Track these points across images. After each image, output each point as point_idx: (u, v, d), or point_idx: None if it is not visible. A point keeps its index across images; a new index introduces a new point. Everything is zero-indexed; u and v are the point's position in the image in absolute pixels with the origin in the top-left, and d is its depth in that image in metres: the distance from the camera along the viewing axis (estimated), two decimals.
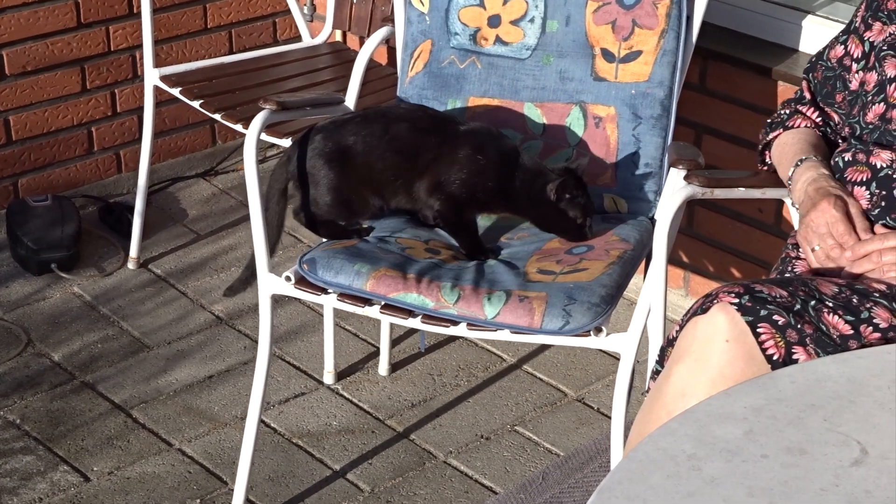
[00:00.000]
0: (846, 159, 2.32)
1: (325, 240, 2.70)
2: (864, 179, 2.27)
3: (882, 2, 2.36)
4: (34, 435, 2.98)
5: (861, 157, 2.29)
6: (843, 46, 2.44)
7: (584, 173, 2.65)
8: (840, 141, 2.45)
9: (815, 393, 1.71)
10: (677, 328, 2.07)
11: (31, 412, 3.05)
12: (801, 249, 2.32)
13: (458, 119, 2.71)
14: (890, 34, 2.34)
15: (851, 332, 1.99)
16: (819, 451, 1.61)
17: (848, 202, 2.24)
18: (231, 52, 3.97)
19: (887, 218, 2.23)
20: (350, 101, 3.01)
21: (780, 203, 3.07)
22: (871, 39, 2.37)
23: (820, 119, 2.49)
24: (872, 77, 2.33)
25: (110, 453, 2.94)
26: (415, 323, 2.51)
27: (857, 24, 2.42)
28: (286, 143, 3.16)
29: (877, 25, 2.37)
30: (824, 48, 2.49)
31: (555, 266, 2.57)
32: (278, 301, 3.36)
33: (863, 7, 2.42)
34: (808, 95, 2.51)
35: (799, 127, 2.49)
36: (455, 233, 2.66)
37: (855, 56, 2.40)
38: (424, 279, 2.50)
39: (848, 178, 2.30)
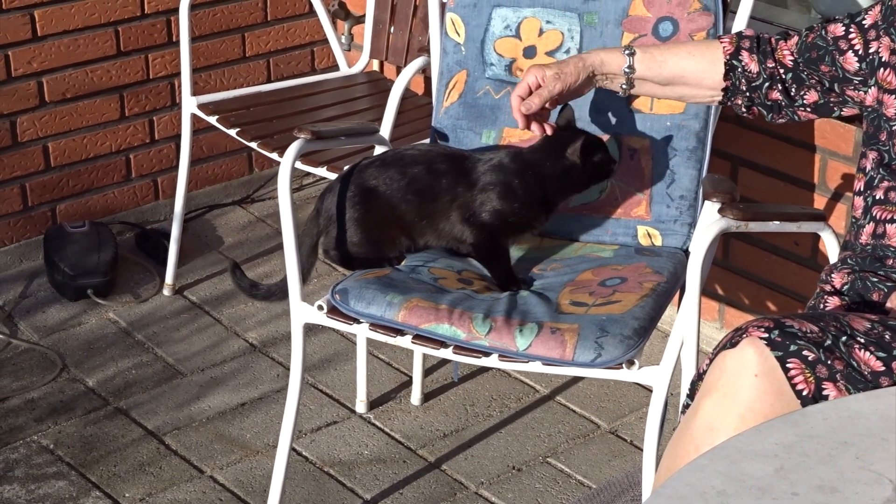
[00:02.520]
0: (877, 197, 2.30)
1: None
2: None
3: None
4: (67, 460, 2.99)
5: (893, 196, 2.28)
6: (843, 27, 2.41)
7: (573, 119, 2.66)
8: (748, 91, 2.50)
9: (848, 430, 1.69)
10: (707, 362, 2.06)
11: (64, 437, 3.06)
12: (833, 284, 2.30)
13: (467, 153, 2.70)
14: None
15: (883, 368, 1.97)
16: (851, 490, 1.59)
17: (555, 83, 2.50)
18: (269, 81, 4.00)
19: None
20: (385, 130, 3.02)
21: (817, 237, 3.05)
22: (879, 54, 2.35)
23: (772, 62, 2.49)
24: (893, 101, 2.31)
25: (142, 479, 2.94)
26: (446, 353, 2.50)
27: (865, 22, 2.39)
28: (321, 171, 3.17)
29: (885, 40, 2.34)
30: (824, 21, 2.47)
31: (587, 298, 2.57)
32: (312, 329, 3.37)
33: (878, 10, 2.38)
34: (792, 41, 2.50)
35: (731, 44, 2.52)
36: (488, 264, 2.66)
37: (855, 48, 2.38)
38: (456, 310, 2.50)
39: (878, 217, 2.29)
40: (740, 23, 2.74)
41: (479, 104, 2.85)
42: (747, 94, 2.52)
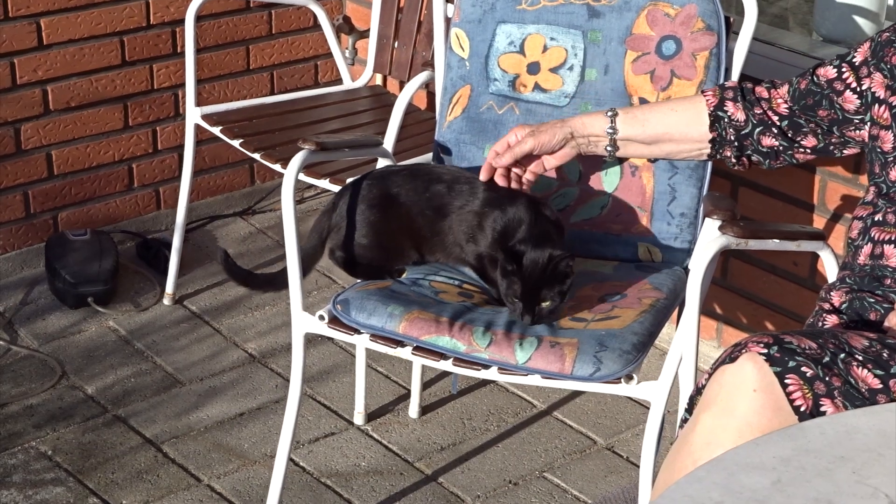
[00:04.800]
0: (876, 219, 2.32)
1: (359, 280, 2.71)
2: (894, 239, 2.28)
3: (886, 53, 2.36)
4: (65, 467, 3.00)
5: (891, 218, 2.30)
6: (835, 70, 2.43)
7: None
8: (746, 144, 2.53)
9: (845, 445, 1.70)
10: (706, 377, 2.08)
11: (63, 444, 3.07)
12: (832, 303, 2.32)
13: (495, 188, 2.68)
14: None
15: (880, 386, 1.99)
16: None
17: (526, 140, 2.56)
18: (272, 93, 4.01)
19: None
20: (388, 143, 3.04)
21: (815, 256, 3.06)
22: (873, 90, 2.37)
23: (760, 110, 2.50)
24: (889, 136, 2.33)
25: (140, 487, 2.95)
26: (446, 365, 2.52)
27: (856, 60, 2.41)
28: (324, 183, 3.18)
29: (878, 76, 2.36)
30: (813, 66, 2.49)
31: (587, 314, 2.58)
32: (311, 341, 3.38)
33: (867, 47, 2.40)
34: (783, 89, 2.51)
35: (715, 99, 2.54)
36: (489, 281, 2.67)
37: (851, 85, 2.40)
38: (457, 323, 2.51)
39: (876, 238, 2.31)
40: (743, 43, 2.76)
41: (483, 119, 2.86)
42: (736, 143, 2.53)
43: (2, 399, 3.21)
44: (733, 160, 2.57)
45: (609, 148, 2.60)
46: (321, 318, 2.61)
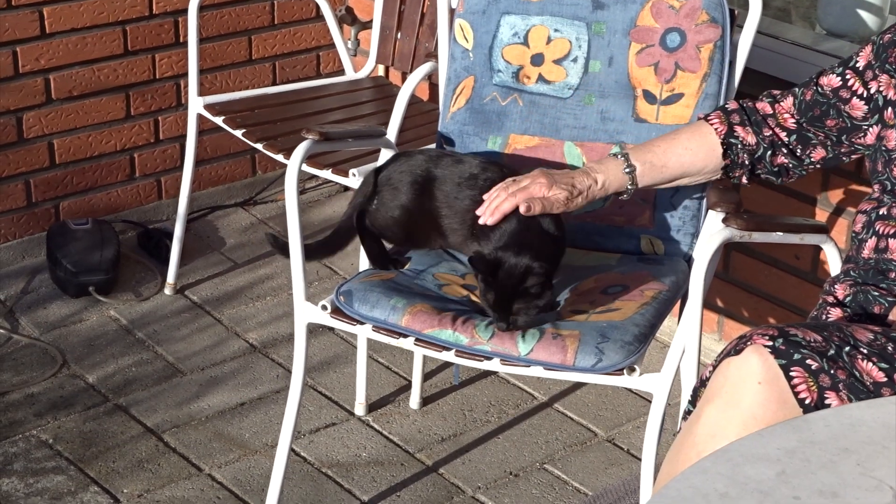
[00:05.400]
0: (880, 213, 2.32)
1: (361, 270, 2.71)
2: None
3: (890, 54, 2.35)
4: (66, 455, 3.00)
5: (895, 211, 2.30)
6: (839, 78, 2.42)
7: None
8: (751, 159, 2.50)
9: (849, 437, 1.71)
10: (710, 369, 2.08)
11: (63, 433, 3.07)
12: (835, 295, 2.32)
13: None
14: None
15: (885, 379, 1.99)
16: (852, 496, 1.60)
17: (549, 190, 2.45)
18: (274, 84, 4.01)
19: None
20: (391, 135, 3.03)
21: (817, 250, 3.07)
22: (882, 91, 2.36)
23: (769, 130, 2.48)
24: (893, 135, 2.33)
25: (140, 476, 2.95)
26: (448, 356, 2.52)
27: (859, 65, 2.40)
28: (326, 174, 3.18)
29: (884, 78, 2.36)
30: (816, 75, 2.48)
31: (588, 306, 2.58)
32: (312, 331, 3.38)
33: (869, 50, 2.40)
34: (787, 102, 2.49)
35: (723, 125, 2.50)
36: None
37: (857, 91, 2.39)
38: (460, 317, 2.51)
39: (881, 232, 2.31)
40: (747, 36, 2.75)
41: (486, 110, 2.86)
42: (749, 165, 2.52)
43: (3, 387, 3.21)
44: (744, 180, 2.55)
45: (625, 197, 2.56)
46: (324, 308, 2.61)
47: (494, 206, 2.47)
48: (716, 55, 2.74)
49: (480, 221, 2.50)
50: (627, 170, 2.51)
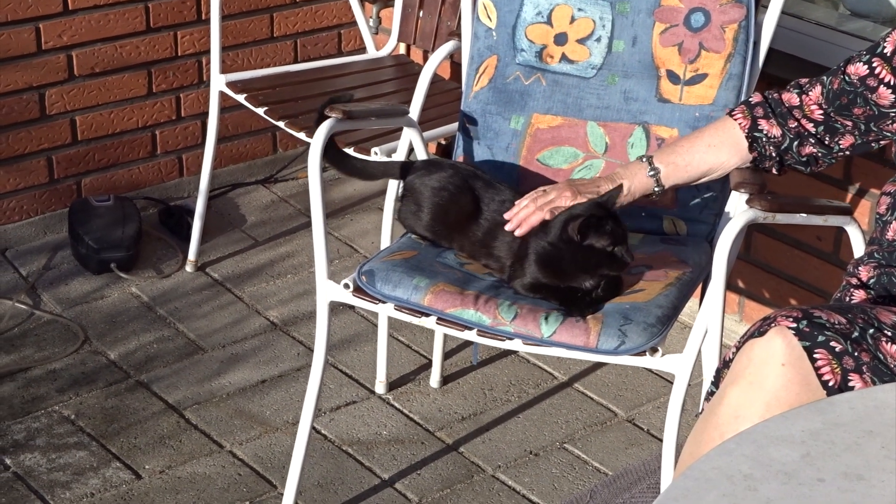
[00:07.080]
0: None
1: (382, 250, 2.72)
2: None
3: None
4: (88, 431, 3.02)
5: None
6: (866, 66, 2.40)
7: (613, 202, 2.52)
8: (799, 156, 2.48)
9: (874, 419, 1.70)
10: (734, 350, 2.08)
11: (85, 409, 3.09)
12: (859, 277, 2.32)
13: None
14: None
15: None
16: (876, 478, 1.60)
17: (574, 196, 2.51)
18: (296, 61, 4.01)
19: None
20: (414, 113, 3.03)
21: (840, 231, 3.05)
22: None
23: (794, 122, 2.47)
24: None
25: (162, 452, 2.96)
26: (470, 336, 2.52)
27: (886, 50, 2.38)
28: (349, 153, 3.18)
29: None
30: (843, 63, 2.46)
31: None
32: (332, 309, 3.38)
33: (895, 36, 2.39)
34: (815, 92, 2.47)
35: (747, 119, 2.50)
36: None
37: (885, 80, 2.37)
38: (483, 296, 2.51)
39: None
40: (772, 17, 2.74)
41: (509, 89, 2.86)
42: (777, 157, 2.51)
43: (25, 363, 3.23)
44: (774, 171, 2.54)
45: (655, 198, 2.59)
46: (346, 286, 2.61)
47: (523, 217, 2.52)
48: (740, 35, 2.73)
49: (507, 227, 2.55)
50: (651, 173, 2.52)
